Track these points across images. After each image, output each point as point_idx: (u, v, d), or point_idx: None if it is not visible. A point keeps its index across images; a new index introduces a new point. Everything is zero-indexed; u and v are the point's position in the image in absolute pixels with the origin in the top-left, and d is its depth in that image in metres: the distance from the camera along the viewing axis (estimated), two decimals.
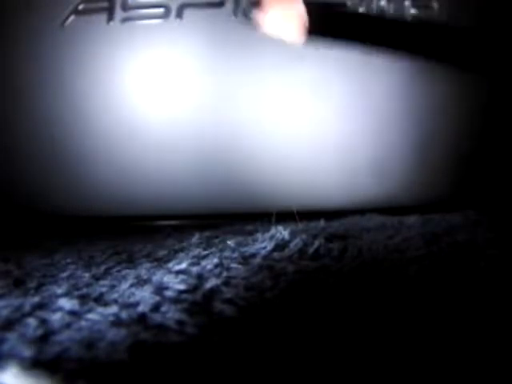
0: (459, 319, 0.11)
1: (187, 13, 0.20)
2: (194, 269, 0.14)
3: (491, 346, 0.10)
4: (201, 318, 0.11)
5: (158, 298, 0.12)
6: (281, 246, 0.16)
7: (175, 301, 0.12)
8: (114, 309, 0.12)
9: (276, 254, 0.16)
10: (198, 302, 0.12)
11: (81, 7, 0.20)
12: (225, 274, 0.14)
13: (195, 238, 0.18)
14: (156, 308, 0.12)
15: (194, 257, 0.16)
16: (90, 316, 0.12)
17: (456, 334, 0.10)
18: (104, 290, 0.13)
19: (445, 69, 0.21)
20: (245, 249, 0.16)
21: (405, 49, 0.19)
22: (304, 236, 0.17)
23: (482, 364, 0.09)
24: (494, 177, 0.22)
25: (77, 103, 0.21)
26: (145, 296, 0.13)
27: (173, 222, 0.22)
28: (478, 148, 0.22)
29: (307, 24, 0.16)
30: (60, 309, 0.12)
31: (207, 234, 0.19)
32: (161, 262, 0.16)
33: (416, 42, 0.19)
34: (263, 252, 0.16)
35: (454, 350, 0.10)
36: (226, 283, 0.13)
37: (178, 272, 0.14)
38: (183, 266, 0.15)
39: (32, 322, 0.11)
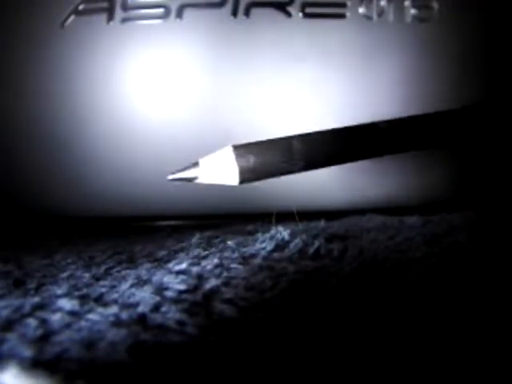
0: (461, 319, 0.11)
1: (187, 13, 0.20)
2: (194, 269, 0.14)
3: (492, 346, 0.10)
4: (201, 318, 0.11)
5: (158, 299, 0.12)
6: (281, 246, 0.16)
7: (175, 301, 0.12)
8: (114, 309, 0.12)
9: (276, 255, 0.15)
10: (198, 302, 0.12)
11: (81, 7, 0.20)
12: (225, 274, 0.14)
13: (195, 239, 0.18)
14: (156, 308, 0.12)
15: (194, 257, 0.16)
16: (90, 316, 0.12)
17: (458, 334, 0.10)
18: (104, 290, 0.13)
19: (445, 71, 0.21)
20: (245, 249, 0.16)
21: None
22: (304, 236, 0.17)
23: (483, 364, 0.09)
24: (494, 177, 0.22)
25: (77, 103, 0.21)
26: (145, 296, 0.13)
27: (173, 222, 0.22)
28: (478, 148, 0.22)
29: (243, 167, 0.15)
30: (60, 309, 0.12)
31: (207, 234, 0.19)
32: (161, 262, 0.16)
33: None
34: (263, 252, 0.16)
35: (455, 349, 0.10)
36: (226, 283, 0.13)
37: (178, 272, 0.14)
38: (183, 266, 0.15)
39: (32, 322, 0.11)
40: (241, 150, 0.15)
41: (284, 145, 0.16)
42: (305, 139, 0.16)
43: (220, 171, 0.15)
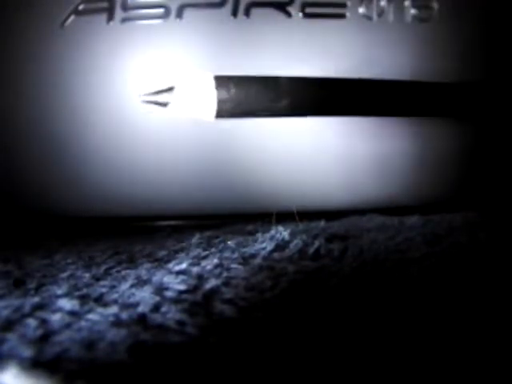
0: (461, 319, 0.11)
1: (187, 13, 0.20)
2: (194, 269, 0.14)
3: (492, 346, 0.10)
4: (201, 318, 0.11)
5: (158, 299, 0.12)
6: (281, 246, 0.16)
7: (175, 301, 0.12)
8: (114, 309, 0.12)
9: (276, 255, 0.15)
10: (198, 302, 0.12)
11: (81, 7, 0.20)
12: (225, 274, 0.14)
13: (195, 239, 0.18)
14: (156, 308, 0.12)
15: (194, 257, 0.16)
16: (90, 316, 0.12)
17: (458, 334, 0.10)
18: (104, 290, 0.13)
19: (445, 71, 0.21)
20: (245, 249, 0.16)
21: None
22: (304, 236, 0.17)
23: (483, 364, 0.09)
24: (495, 177, 0.22)
25: (77, 103, 0.21)
26: (145, 296, 0.13)
27: (173, 222, 0.22)
28: (479, 148, 0.22)
29: (221, 102, 0.14)
30: (60, 309, 0.12)
31: (207, 234, 0.19)
32: (161, 262, 0.16)
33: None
34: (263, 252, 0.16)
35: (455, 349, 0.10)
36: (226, 283, 0.13)
37: (178, 272, 0.14)
38: (183, 266, 0.15)
39: (32, 322, 0.11)
40: (222, 79, 0.14)
41: (270, 82, 0.15)
42: (293, 80, 0.15)
43: (197, 100, 0.14)
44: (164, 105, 0.14)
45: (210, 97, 0.14)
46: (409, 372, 0.09)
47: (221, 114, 0.14)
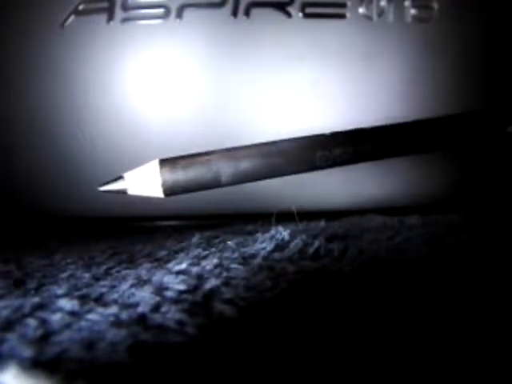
0: (461, 319, 0.11)
1: (187, 13, 0.20)
2: (194, 269, 0.14)
3: (492, 346, 0.10)
4: (201, 318, 0.11)
5: (158, 299, 0.12)
6: (281, 246, 0.16)
7: (175, 301, 0.12)
8: (114, 309, 0.12)
9: (276, 255, 0.15)
10: (198, 302, 0.12)
11: (81, 7, 0.20)
12: (225, 274, 0.14)
13: (195, 239, 0.18)
14: (156, 308, 0.12)
15: (194, 257, 0.16)
16: (90, 316, 0.12)
17: (458, 334, 0.10)
18: (104, 290, 0.13)
19: (445, 71, 0.21)
20: (245, 249, 0.16)
21: None
22: (304, 236, 0.17)
23: (483, 364, 0.09)
24: (494, 177, 0.22)
25: (76, 103, 0.21)
26: (145, 296, 0.13)
27: (173, 223, 0.22)
28: (478, 148, 0.22)
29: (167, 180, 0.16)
30: (60, 309, 0.12)
31: (207, 234, 0.19)
32: (161, 262, 0.16)
33: None
34: (263, 252, 0.16)
35: (455, 349, 0.10)
36: (226, 283, 0.13)
37: (178, 272, 0.14)
38: (183, 266, 0.15)
39: (32, 322, 0.11)
40: (166, 164, 0.16)
41: (211, 164, 0.16)
42: (231, 160, 0.16)
43: (146, 184, 0.16)
44: (123, 192, 0.16)
45: (156, 179, 0.16)
46: (409, 371, 0.09)
47: (167, 193, 0.16)
